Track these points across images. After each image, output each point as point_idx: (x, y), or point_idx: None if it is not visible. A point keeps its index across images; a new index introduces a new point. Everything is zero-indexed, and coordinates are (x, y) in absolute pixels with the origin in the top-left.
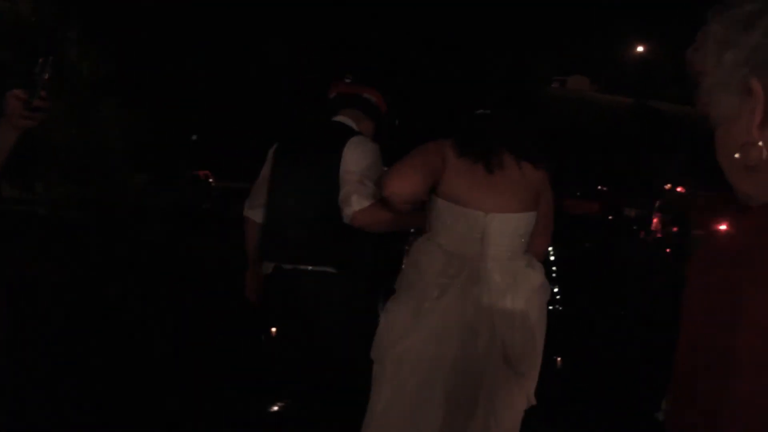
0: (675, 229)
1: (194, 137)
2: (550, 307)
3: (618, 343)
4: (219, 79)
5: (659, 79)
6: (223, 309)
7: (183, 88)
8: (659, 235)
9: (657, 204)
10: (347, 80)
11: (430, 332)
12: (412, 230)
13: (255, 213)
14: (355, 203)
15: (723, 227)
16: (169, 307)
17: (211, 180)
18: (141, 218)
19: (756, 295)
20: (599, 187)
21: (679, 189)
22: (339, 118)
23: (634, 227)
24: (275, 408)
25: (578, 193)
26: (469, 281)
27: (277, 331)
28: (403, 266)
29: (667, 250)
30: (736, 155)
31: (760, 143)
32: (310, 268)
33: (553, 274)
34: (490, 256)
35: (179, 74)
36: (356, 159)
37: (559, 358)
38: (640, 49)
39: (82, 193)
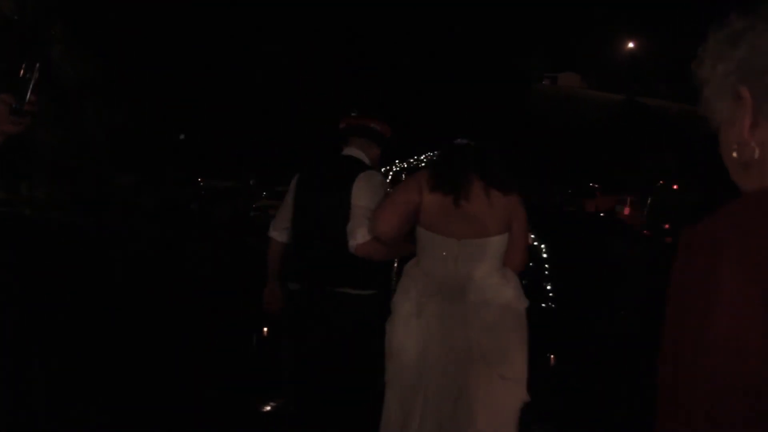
0: (666, 225)
1: (182, 137)
2: (543, 305)
3: (610, 339)
4: (207, 78)
5: (649, 76)
6: (213, 309)
7: (170, 88)
8: (651, 232)
9: (649, 200)
10: (354, 114)
11: (416, 347)
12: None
13: (279, 234)
14: (359, 237)
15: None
16: (158, 306)
17: (199, 179)
18: (128, 218)
19: (731, 276)
20: (591, 185)
21: (672, 186)
22: (350, 149)
23: (626, 224)
24: (268, 408)
25: (570, 191)
26: (445, 300)
27: (296, 339)
28: (396, 289)
29: (659, 247)
30: (733, 154)
31: (752, 143)
32: (330, 288)
33: (546, 272)
34: (464, 276)
35: (166, 73)
36: (363, 194)
37: (552, 356)
38: (630, 45)
39: (68, 194)
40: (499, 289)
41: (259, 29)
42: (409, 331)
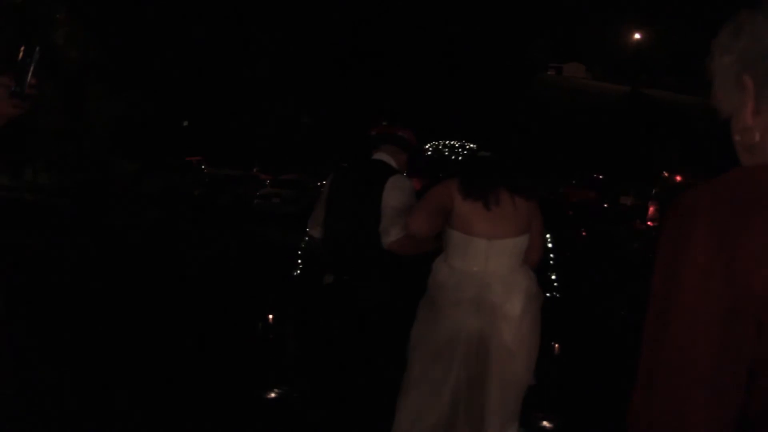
0: None
1: (185, 123)
2: (548, 294)
3: (614, 328)
4: (211, 66)
5: (655, 67)
6: (217, 296)
7: (174, 74)
8: (656, 224)
9: (653, 192)
10: (384, 123)
11: (446, 332)
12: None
13: (316, 231)
14: (393, 235)
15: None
16: (162, 293)
17: (203, 166)
18: (132, 205)
19: (701, 242)
20: (595, 176)
21: (676, 177)
22: (379, 154)
23: (631, 215)
24: (273, 394)
25: (574, 182)
26: (477, 293)
27: (331, 326)
28: (429, 283)
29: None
30: (737, 138)
31: (754, 128)
32: (362, 279)
33: (551, 262)
34: (492, 272)
35: (170, 60)
36: (394, 196)
37: (557, 344)
38: (636, 36)
39: (71, 180)
40: (522, 283)
41: (263, 17)
42: (444, 319)
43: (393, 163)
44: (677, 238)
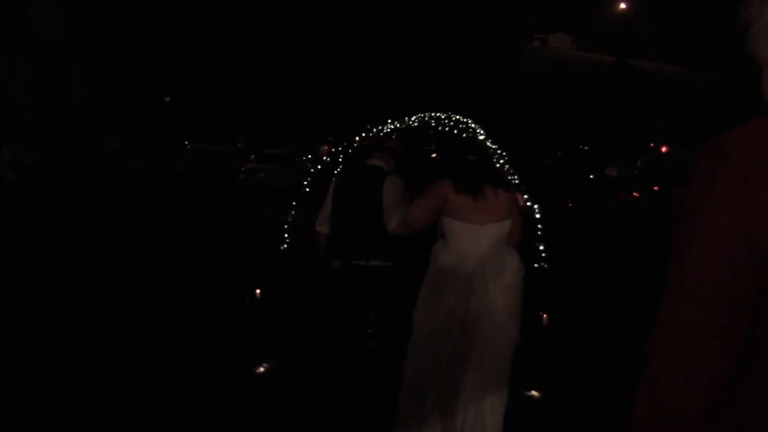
0: (656, 188)
1: (167, 99)
2: (536, 265)
3: (600, 298)
4: (193, 40)
5: (640, 37)
6: (204, 271)
7: (155, 49)
8: (641, 194)
9: (639, 163)
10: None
11: (447, 304)
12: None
13: (324, 228)
14: (394, 222)
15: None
16: (148, 270)
17: (186, 142)
18: (115, 181)
19: (724, 184)
20: (581, 147)
21: (662, 148)
22: (374, 160)
23: (617, 186)
24: (262, 369)
25: (560, 153)
26: (473, 269)
27: (336, 304)
28: (430, 263)
29: (648, 208)
30: None
31: None
32: (368, 263)
33: (539, 233)
34: (484, 251)
35: (150, 34)
36: (391, 192)
37: (545, 315)
38: (622, 6)
39: (51, 158)
40: (508, 259)
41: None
42: (444, 293)
43: (385, 167)
44: (706, 177)
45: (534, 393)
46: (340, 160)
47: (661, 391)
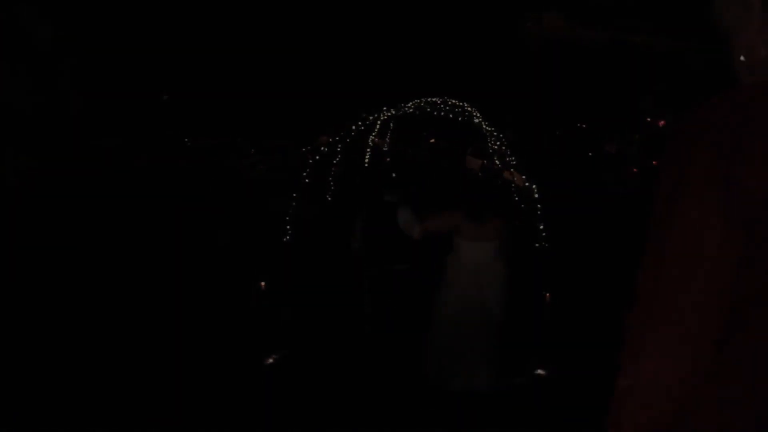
0: (654, 162)
1: (165, 97)
2: (537, 245)
3: (601, 275)
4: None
5: (635, 12)
6: (208, 266)
7: (151, 47)
8: (640, 170)
9: (636, 138)
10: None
11: (459, 293)
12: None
13: (356, 244)
14: (416, 231)
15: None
16: (152, 264)
17: (185, 139)
18: (115, 181)
19: (700, 159)
20: (578, 124)
21: (659, 122)
22: (388, 196)
23: (615, 162)
24: (270, 360)
25: (557, 132)
26: (476, 271)
27: (370, 304)
28: (446, 267)
29: (648, 184)
30: (741, 58)
31: (761, 46)
32: (398, 267)
33: (538, 212)
34: (482, 260)
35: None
36: (407, 215)
37: (548, 294)
38: None
39: (46, 162)
40: (498, 263)
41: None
42: (458, 286)
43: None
44: (683, 150)
45: (540, 371)
46: (339, 149)
47: (643, 361)
